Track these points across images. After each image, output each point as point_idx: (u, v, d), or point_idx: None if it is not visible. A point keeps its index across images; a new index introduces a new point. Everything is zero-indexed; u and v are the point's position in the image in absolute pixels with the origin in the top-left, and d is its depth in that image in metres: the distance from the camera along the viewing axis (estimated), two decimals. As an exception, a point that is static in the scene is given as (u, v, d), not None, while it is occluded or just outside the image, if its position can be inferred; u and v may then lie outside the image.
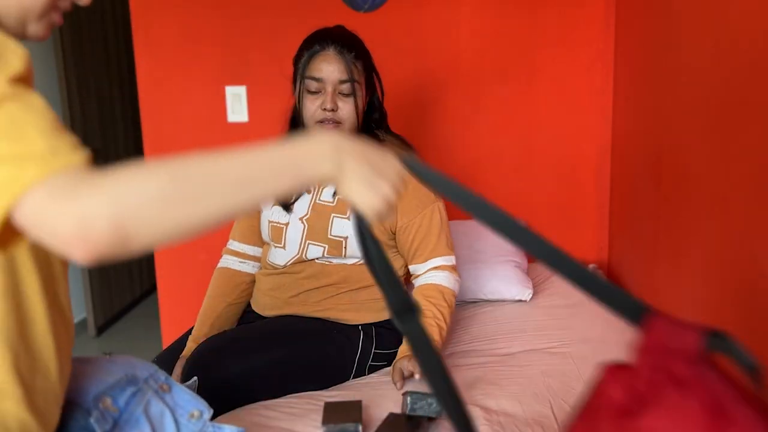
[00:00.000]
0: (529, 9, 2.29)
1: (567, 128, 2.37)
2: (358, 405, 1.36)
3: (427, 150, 1.79)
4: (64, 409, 0.92)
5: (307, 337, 1.61)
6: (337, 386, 1.58)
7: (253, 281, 1.80)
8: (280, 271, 1.70)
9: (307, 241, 1.66)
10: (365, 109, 1.69)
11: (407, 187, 1.77)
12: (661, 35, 1.86)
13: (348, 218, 1.64)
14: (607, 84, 2.32)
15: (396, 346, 1.71)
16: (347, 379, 1.62)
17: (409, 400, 1.29)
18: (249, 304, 1.79)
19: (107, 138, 3.82)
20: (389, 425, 1.30)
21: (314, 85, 1.60)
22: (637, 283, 2.11)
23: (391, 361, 1.70)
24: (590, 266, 2.28)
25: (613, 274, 2.35)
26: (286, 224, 1.68)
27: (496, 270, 2.06)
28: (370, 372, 1.65)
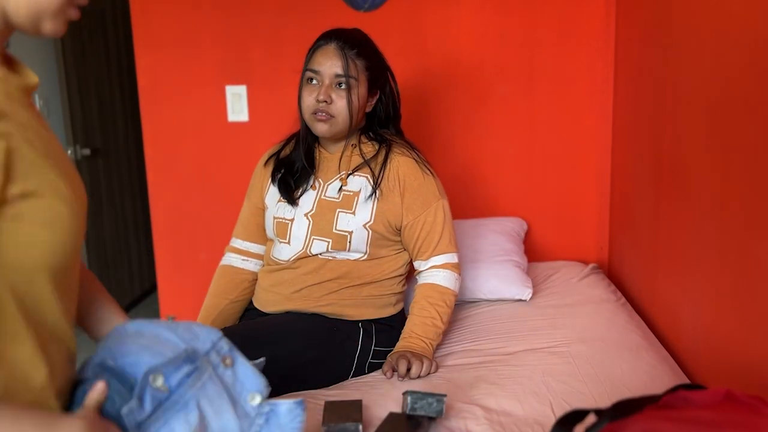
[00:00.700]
0: (529, 8, 2.29)
1: (567, 128, 2.37)
2: (358, 404, 1.36)
3: (427, 150, 1.79)
4: (105, 375, 0.84)
5: (308, 335, 1.61)
6: (337, 385, 1.58)
7: (255, 279, 1.80)
8: (283, 266, 1.70)
9: (312, 236, 1.67)
10: (368, 108, 1.71)
11: (413, 185, 1.77)
12: (661, 35, 1.86)
13: (353, 213, 1.65)
14: (607, 83, 2.32)
15: (395, 345, 1.72)
16: (347, 376, 1.63)
17: (409, 399, 1.29)
18: (251, 302, 1.80)
19: (107, 138, 3.81)
20: (389, 425, 1.30)
21: (312, 77, 1.64)
22: (637, 283, 2.11)
23: (392, 360, 1.71)
24: (590, 266, 2.28)
25: (613, 274, 2.35)
26: (291, 220, 1.69)
27: (496, 269, 2.06)
28: (370, 370, 1.66)
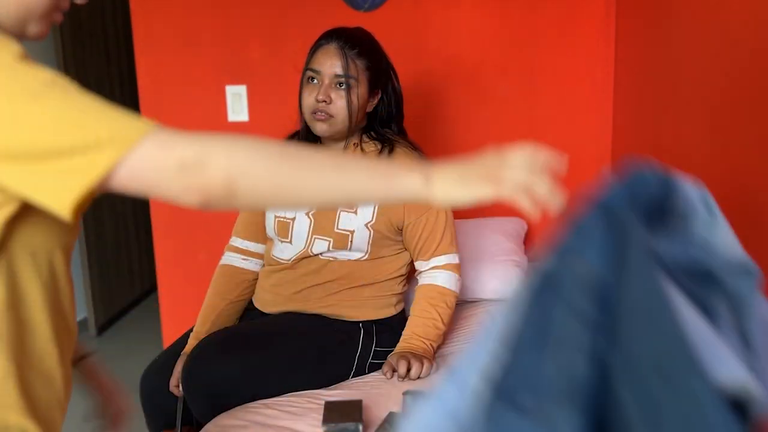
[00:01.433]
0: (529, 8, 2.28)
1: (567, 127, 2.36)
2: (358, 404, 1.36)
3: (427, 149, 1.79)
4: None
5: (308, 335, 1.61)
6: (337, 385, 1.58)
7: (256, 279, 1.80)
8: (284, 267, 1.70)
9: (314, 235, 1.67)
10: (368, 108, 1.70)
11: None
12: (661, 34, 1.86)
13: (355, 213, 1.65)
14: (607, 83, 2.32)
15: (396, 346, 1.71)
16: (348, 377, 1.63)
17: (409, 399, 1.29)
18: (251, 302, 1.80)
19: (107, 137, 3.81)
20: (389, 424, 1.30)
21: (313, 77, 1.64)
22: (637, 283, 2.10)
23: (392, 360, 1.71)
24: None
25: (613, 274, 2.35)
26: (293, 219, 1.69)
27: (497, 269, 2.06)
28: (370, 370, 1.65)
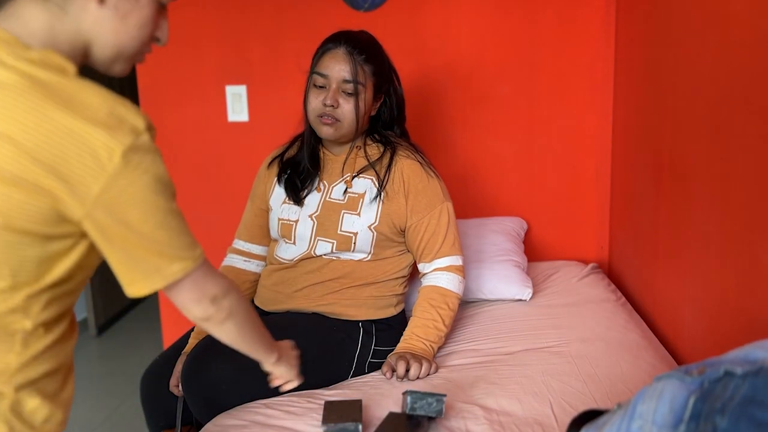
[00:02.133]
0: (529, 8, 2.29)
1: (567, 127, 2.37)
2: (358, 404, 1.36)
3: (427, 150, 1.79)
4: None
5: (308, 334, 1.61)
6: (337, 385, 1.58)
7: (257, 280, 1.80)
8: (285, 266, 1.71)
9: (317, 237, 1.67)
10: (372, 112, 1.71)
11: (417, 187, 1.78)
12: (661, 34, 1.86)
13: (358, 215, 1.65)
14: (607, 83, 2.32)
15: (395, 344, 1.71)
16: (347, 376, 1.63)
17: (409, 399, 1.29)
18: (252, 301, 1.80)
19: (108, 137, 3.81)
20: (389, 425, 1.30)
21: (320, 81, 1.65)
22: (637, 283, 2.11)
23: (392, 360, 1.70)
24: (590, 265, 2.28)
25: (613, 274, 2.35)
26: (296, 221, 1.70)
27: (496, 269, 2.06)
28: (370, 370, 1.65)
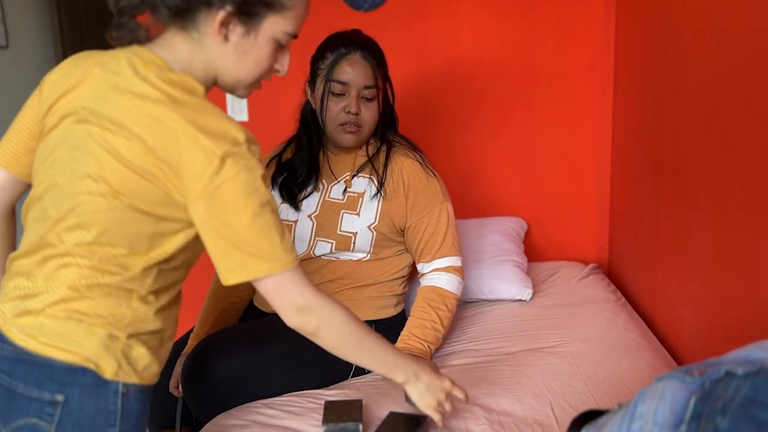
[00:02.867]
0: (529, 8, 2.28)
1: (567, 128, 2.36)
2: (358, 404, 1.36)
3: (427, 150, 1.79)
4: None
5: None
6: (337, 385, 1.58)
7: None
8: None
9: (317, 237, 1.67)
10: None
11: (417, 187, 1.78)
12: (661, 34, 1.86)
13: (357, 214, 1.66)
14: (607, 83, 2.32)
15: (395, 344, 1.71)
16: (347, 376, 1.62)
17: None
18: (251, 302, 1.80)
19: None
20: (389, 424, 1.30)
21: (339, 88, 1.62)
22: (637, 283, 2.11)
23: (392, 360, 1.70)
24: (590, 266, 2.28)
25: (613, 274, 2.35)
26: (295, 221, 1.69)
27: (496, 269, 2.06)
28: (370, 370, 1.65)
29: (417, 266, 1.74)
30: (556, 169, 2.39)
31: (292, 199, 1.70)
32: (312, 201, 1.70)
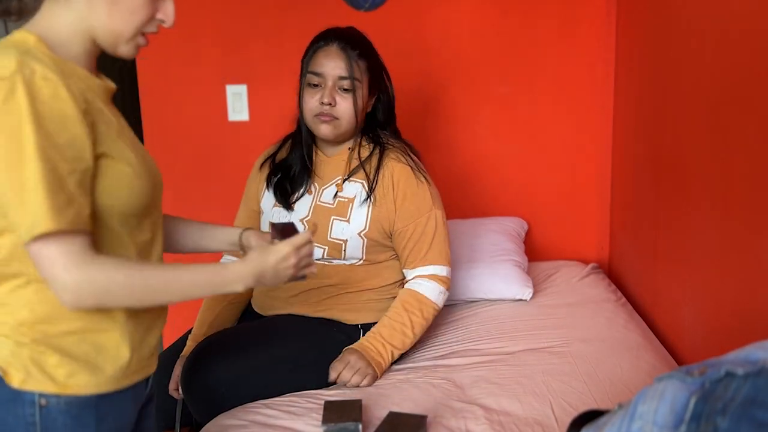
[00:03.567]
0: (529, 7, 2.28)
1: (568, 127, 2.36)
2: (358, 404, 1.36)
3: (427, 150, 1.79)
4: None
5: (307, 335, 1.61)
6: (337, 385, 1.58)
7: None
8: None
9: None
10: (368, 109, 1.69)
11: (406, 192, 1.73)
12: (662, 34, 1.86)
13: (348, 221, 1.64)
14: (608, 83, 2.31)
15: (396, 346, 1.71)
16: (347, 377, 1.62)
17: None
18: (249, 303, 1.79)
19: (108, 136, 3.80)
20: (389, 424, 1.30)
21: (315, 80, 1.61)
22: (637, 283, 2.11)
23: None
24: (590, 266, 2.28)
25: (613, 274, 2.35)
26: None
27: (496, 269, 2.06)
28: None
29: (403, 272, 1.70)
30: (556, 168, 2.39)
31: (285, 199, 1.68)
32: (304, 204, 1.68)
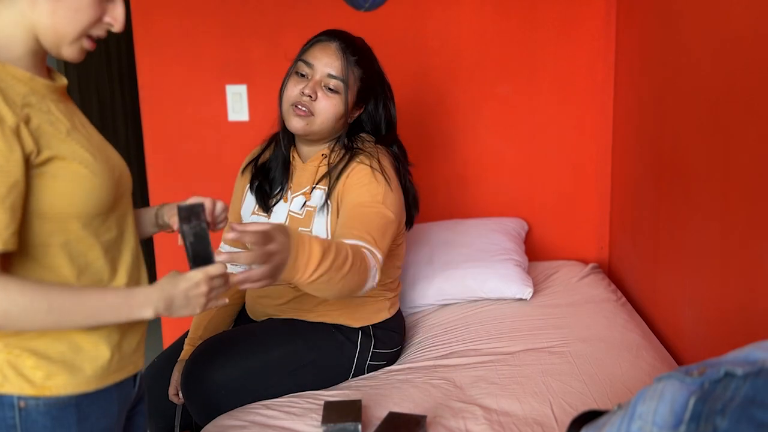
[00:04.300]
0: (529, 7, 2.28)
1: (568, 127, 2.36)
2: (357, 404, 1.36)
3: (427, 150, 1.79)
4: None
5: (306, 336, 1.60)
6: (336, 386, 1.58)
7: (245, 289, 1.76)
8: None
9: None
10: (350, 119, 1.60)
11: (353, 185, 1.55)
12: (662, 34, 1.86)
13: (310, 231, 1.56)
14: (607, 83, 2.32)
15: (396, 346, 1.71)
16: (347, 378, 1.62)
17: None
18: (244, 308, 1.78)
19: (107, 136, 3.79)
20: (389, 424, 1.30)
21: (304, 69, 1.55)
22: (638, 283, 2.11)
23: (391, 360, 1.70)
24: (590, 265, 2.28)
25: (613, 274, 2.35)
26: None
27: (497, 268, 2.06)
28: (369, 371, 1.65)
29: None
30: (556, 169, 2.39)
31: (264, 201, 1.64)
32: (281, 211, 1.63)
